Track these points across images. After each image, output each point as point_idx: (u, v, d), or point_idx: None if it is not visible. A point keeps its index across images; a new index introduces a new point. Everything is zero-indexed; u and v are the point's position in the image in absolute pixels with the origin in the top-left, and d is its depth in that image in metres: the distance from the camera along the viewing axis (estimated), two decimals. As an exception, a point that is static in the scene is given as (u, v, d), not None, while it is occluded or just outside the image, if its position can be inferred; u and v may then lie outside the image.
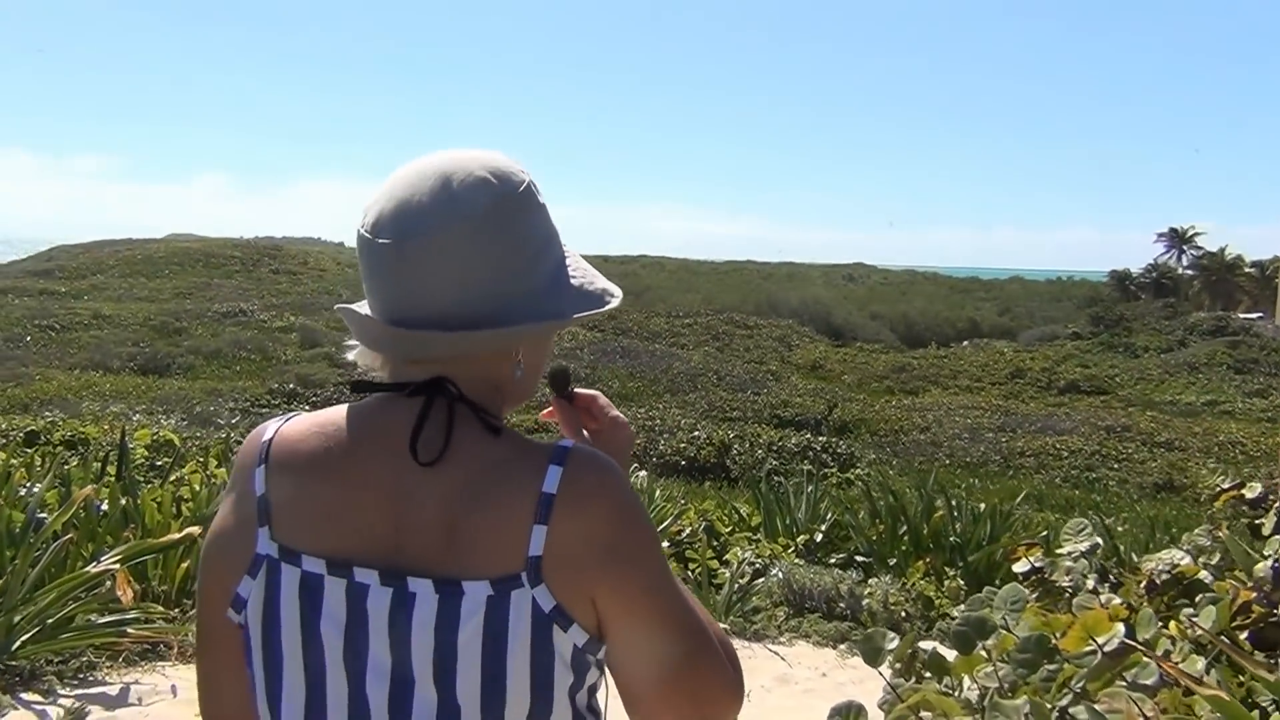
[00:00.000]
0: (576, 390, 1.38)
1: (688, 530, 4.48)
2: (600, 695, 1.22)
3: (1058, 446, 22.10)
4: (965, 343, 47.40)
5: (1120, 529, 14.23)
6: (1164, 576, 2.08)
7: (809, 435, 19.90)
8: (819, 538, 4.96)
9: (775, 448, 17.83)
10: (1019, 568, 2.30)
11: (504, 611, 1.10)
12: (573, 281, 1.22)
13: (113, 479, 4.58)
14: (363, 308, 1.21)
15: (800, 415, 24.69)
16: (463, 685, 1.11)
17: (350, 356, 1.26)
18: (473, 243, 1.13)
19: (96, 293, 40.98)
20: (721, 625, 4.14)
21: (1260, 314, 57.47)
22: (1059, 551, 2.60)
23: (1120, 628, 1.57)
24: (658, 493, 5.31)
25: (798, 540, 4.88)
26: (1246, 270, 68.59)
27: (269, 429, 1.23)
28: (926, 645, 3.97)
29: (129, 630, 3.86)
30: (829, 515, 5.18)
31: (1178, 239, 72.48)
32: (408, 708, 1.12)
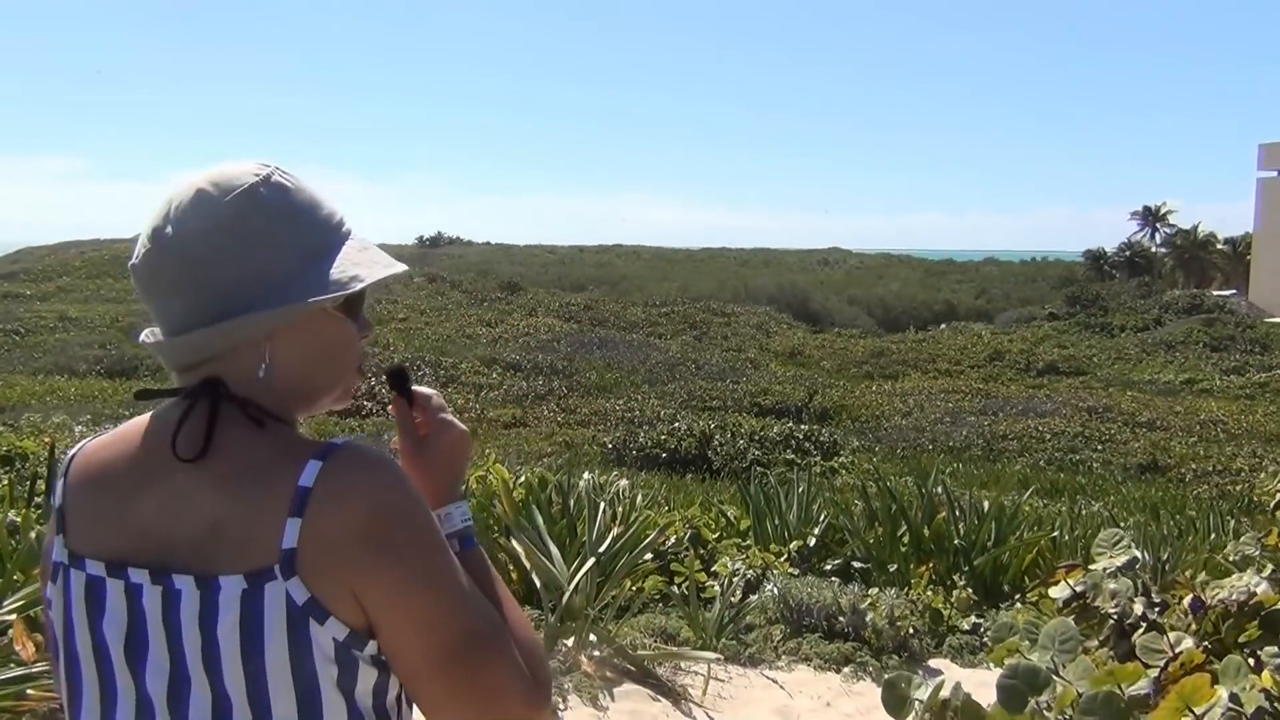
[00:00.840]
0: (416, 389, 1.38)
1: (673, 540, 4.15)
2: (393, 698, 1.22)
3: (1040, 429, 21.91)
4: (942, 326, 47.26)
5: (1106, 513, 14.03)
6: (1228, 606, 1.79)
7: (790, 424, 19.64)
8: (812, 542, 4.63)
9: (757, 437, 17.56)
10: (1057, 593, 2.00)
11: (258, 605, 1.13)
12: (331, 272, 1.22)
13: (40, 503, 4.12)
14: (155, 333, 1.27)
15: (781, 403, 24.41)
16: (229, 678, 1.14)
17: None
18: (185, 251, 1.19)
19: (63, 295, 40.20)
20: (713, 651, 3.86)
21: (1234, 290, 57.65)
22: (1093, 568, 2.30)
23: (1224, 695, 1.27)
24: (639, 498, 4.97)
25: (790, 546, 4.54)
26: (1219, 248, 68.81)
27: (77, 446, 1.32)
28: (937, 664, 3.64)
29: (30, 691, 3.23)
30: (822, 517, 4.84)
31: (1151, 217, 72.59)
32: (185, 702, 1.16)
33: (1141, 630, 2.02)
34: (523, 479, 4.85)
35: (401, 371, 1.39)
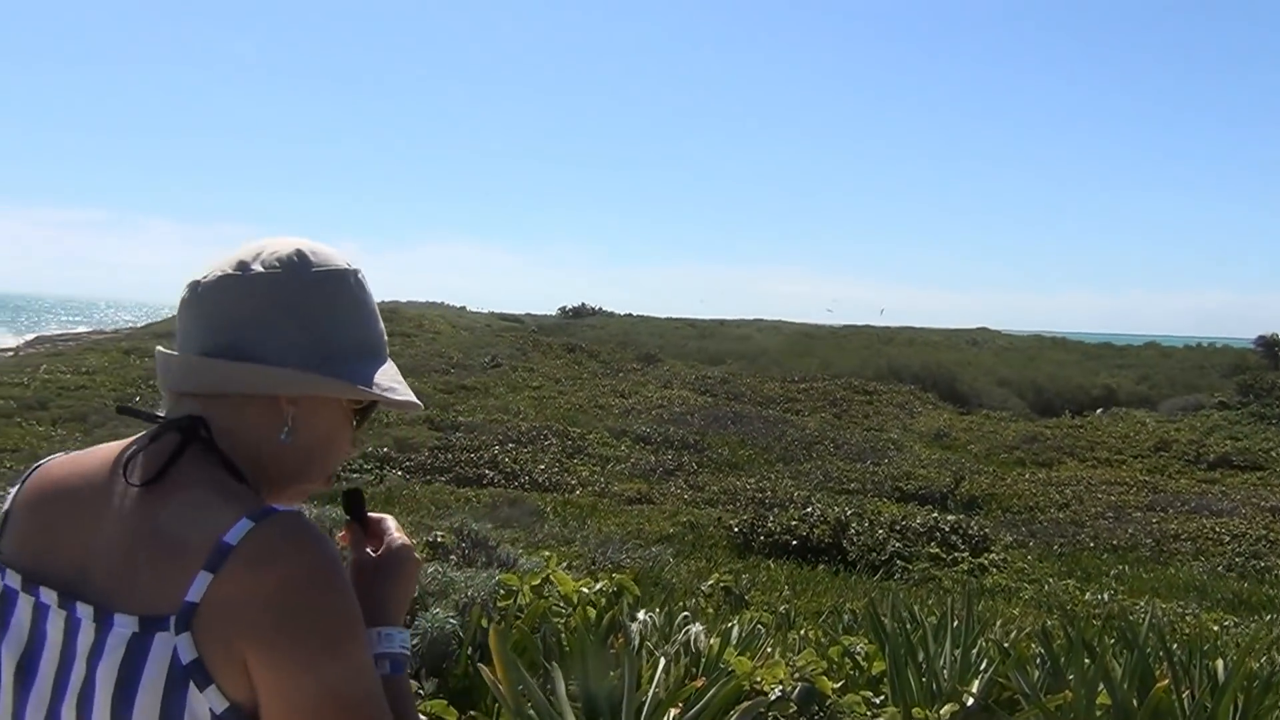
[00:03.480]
0: (370, 515, 1.38)
1: (776, 694, 2.99)
2: None
3: (1217, 529, 19.80)
4: (1100, 411, 44.60)
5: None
6: None
7: (935, 513, 18.14)
8: (970, 701, 3.41)
9: (898, 527, 16.14)
10: None
11: (143, 653, 1.08)
12: (375, 377, 1.26)
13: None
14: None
15: (924, 488, 22.86)
16: None
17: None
18: (258, 291, 1.21)
19: (215, 354, 41.40)
20: None
21: None
22: None
23: None
24: (736, 632, 3.78)
25: (942, 712, 3.35)
26: None
27: (47, 459, 1.31)
28: None
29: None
30: (984, 665, 3.63)
31: (1332, 303, 67.79)
32: None
33: None
34: (600, 585, 3.86)
35: (357, 494, 1.38)
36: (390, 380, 1.27)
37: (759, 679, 2.89)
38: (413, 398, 1.27)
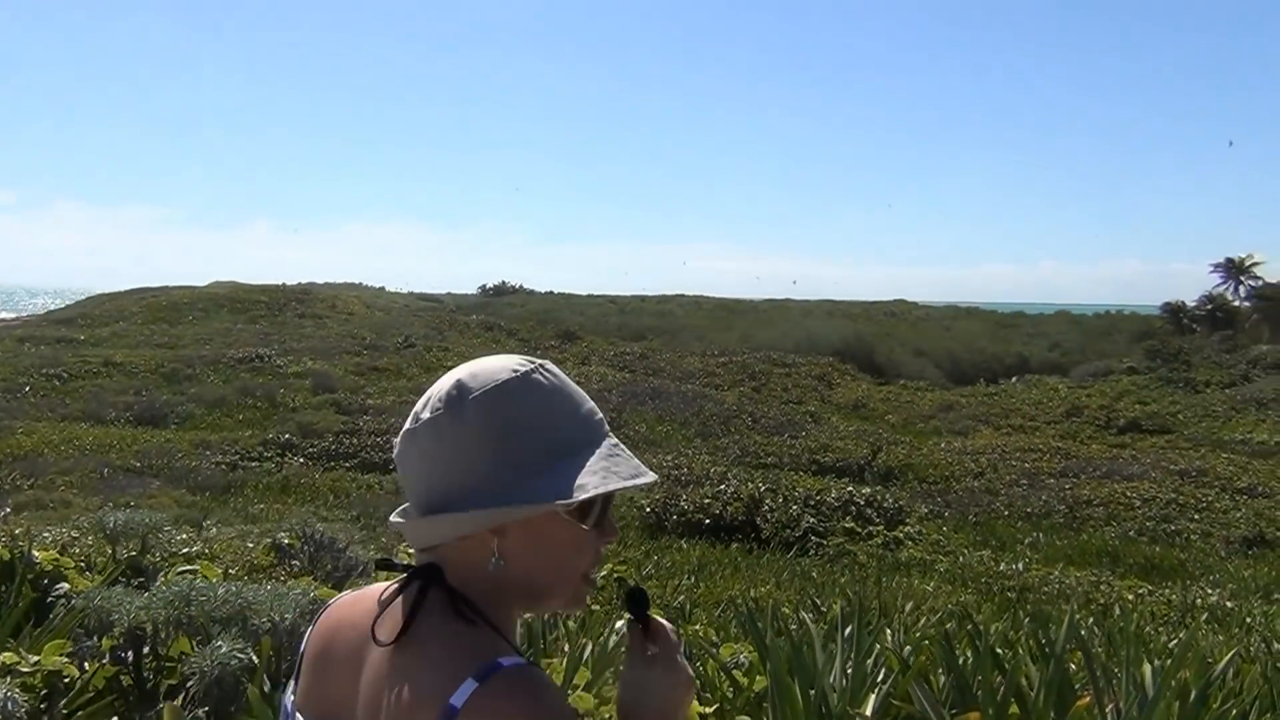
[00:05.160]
0: (655, 619, 1.35)
1: None
2: None
3: (1128, 494, 19.95)
4: (1014, 379, 45.21)
5: (1215, 595, 12.14)
6: None
7: (851, 486, 17.95)
8: None
9: (813, 502, 15.88)
10: None
11: None
12: (571, 476, 1.22)
13: None
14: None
15: (841, 460, 22.73)
16: None
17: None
18: (426, 440, 1.23)
19: (115, 340, 39.79)
20: None
21: (1327, 346, 54.50)
22: None
23: None
24: (586, 645, 3.30)
25: None
26: (1310, 301, 65.49)
27: (336, 598, 1.39)
28: None
29: None
30: (881, 679, 3.16)
31: (1234, 269, 69.53)
32: None
33: None
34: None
35: (641, 594, 1.35)
36: (588, 473, 1.21)
37: (607, 717, 2.43)
38: (619, 483, 1.21)
